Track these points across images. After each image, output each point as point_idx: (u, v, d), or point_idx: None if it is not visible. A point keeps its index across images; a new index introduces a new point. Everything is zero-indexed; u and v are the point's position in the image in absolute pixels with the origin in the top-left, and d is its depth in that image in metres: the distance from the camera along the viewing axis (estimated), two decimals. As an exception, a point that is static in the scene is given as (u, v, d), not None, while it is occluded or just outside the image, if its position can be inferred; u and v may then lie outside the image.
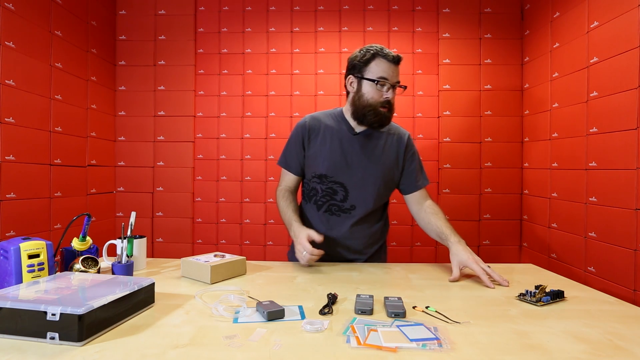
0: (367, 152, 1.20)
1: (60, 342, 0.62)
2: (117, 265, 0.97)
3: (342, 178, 1.19)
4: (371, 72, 1.13)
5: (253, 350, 0.62)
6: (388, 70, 1.12)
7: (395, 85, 1.14)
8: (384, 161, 1.21)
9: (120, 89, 2.32)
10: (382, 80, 1.12)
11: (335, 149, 1.19)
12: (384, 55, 1.13)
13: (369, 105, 1.14)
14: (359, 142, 1.20)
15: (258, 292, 0.92)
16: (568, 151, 1.80)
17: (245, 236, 2.32)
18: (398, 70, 1.15)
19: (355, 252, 1.24)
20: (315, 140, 1.21)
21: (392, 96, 1.14)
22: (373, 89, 1.13)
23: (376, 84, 1.13)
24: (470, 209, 2.26)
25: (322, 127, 1.22)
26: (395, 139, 1.24)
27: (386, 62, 1.12)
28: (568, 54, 1.82)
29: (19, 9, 1.59)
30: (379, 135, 1.22)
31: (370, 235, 1.24)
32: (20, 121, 1.59)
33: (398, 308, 0.77)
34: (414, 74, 2.29)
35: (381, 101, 1.13)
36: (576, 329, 0.71)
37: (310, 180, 1.24)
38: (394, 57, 1.13)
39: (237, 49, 2.33)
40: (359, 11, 2.31)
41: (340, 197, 1.20)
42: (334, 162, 1.19)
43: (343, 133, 1.20)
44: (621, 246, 1.45)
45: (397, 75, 1.14)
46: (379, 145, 1.21)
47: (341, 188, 1.19)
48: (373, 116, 1.14)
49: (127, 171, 2.32)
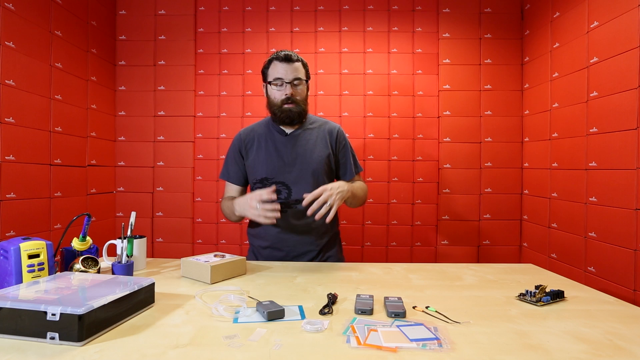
0: (299, 149, 1.29)
1: (60, 342, 0.62)
2: (117, 265, 0.97)
3: (282, 177, 1.28)
4: (270, 75, 1.26)
5: (253, 350, 0.62)
6: (281, 70, 1.23)
7: (292, 82, 1.23)
8: (317, 153, 1.30)
9: (120, 89, 2.32)
10: (277, 81, 1.24)
11: (271, 152, 1.29)
12: (276, 58, 1.25)
13: (274, 105, 1.26)
14: (290, 142, 1.30)
15: (258, 292, 0.92)
16: (568, 151, 1.80)
17: (245, 236, 2.32)
18: (294, 67, 1.24)
19: (308, 243, 1.29)
20: (251, 149, 1.32)
21: (291, 92, 1.23)
22: (274, 90, 1.26)
23: (272, 86, 1.25)
24: (470, 209, 2.26)
25: (256, 136, 1.33)
26: (325, 132, 1.33)
27: (279, 63, 1.24)
28: (568, 54, 1.82)
29: (19, 9, 1.59)
30: (310, 132, 1.32)
31: (319, 225, 1.29)
32: (20, 121, 1.59)
33: (398, 308, 0.77)
34: (414, 74, 2.29)
35: (282, 99, 1.24)
36: (576, 329, 0.71)
37: (254, 186, 1.32)
38: (284, 56, 1.24)
39: (237, 49, 2.33)
40: (359, 11, 2.31)
41: (284, 195, 1.28)
42: (272, 164, 1.28)
43: (275, 137, 1.31)
44: (621, 246, 1.45)
45: (292, 72, 1.24)
46: (311, 140, 1.31)
47: (283, 187, 1.28)
48: (280, 113, 1.25)
49: (127, 171, 2.32)
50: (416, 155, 2.29)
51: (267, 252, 1.31)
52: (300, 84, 1.26)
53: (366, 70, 2.29)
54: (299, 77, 1.24)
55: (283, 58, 1.23)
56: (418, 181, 2.29)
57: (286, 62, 1.23)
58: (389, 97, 2.29)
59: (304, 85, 1.28)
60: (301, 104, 1.26)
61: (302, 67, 1.27)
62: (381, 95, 2.30)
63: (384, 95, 2.30)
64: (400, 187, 2.28)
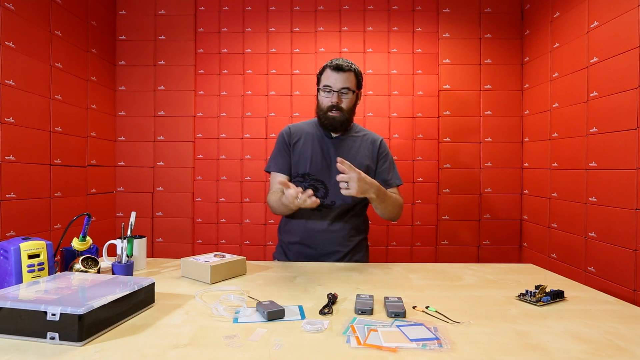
0: (343, 153, 1.32)
1: (60, 342, 0.62)
2: (117, 265, 0.96)
3: (322, 176, 1.31)
4: (321, 82, 1.30)
5: (253, 350, 0.62)
6: (331, 79, 1.27)
7: (339, 91, 1.26)
8: (359, 161, 1.32)
9: (120, 89, 2.32)
10: (326, 88, 1.27)
11: (316, 151, 1.32)
12: (329, 66, 1.28)
13: (321, 110, 1.30)
14: (335, 145, 1.33)
15: (258, 292, 0.92)
16: (568, 151, 1.80)
17: (245, 236, 2.32)
18: (344, 76, 1.26)
19: (337, 243, 1.30)
20: (297, 144, 1.35)
21: (337, 101, 1.26)
22: (322, 97, 1.29)
23: (321, 92, 1.29)
24: (470, 209, 2.26)
25: (303, 133, 1.36)
26: (369, 142, 1.37)
27: (330, 71, 1.27)
28: (568, 54, 1.82)
29: (19, 9, 1.59)
30: (354, 139, 1.36)
31: (350, 228, 1.32)
32: (20, 121, 1.59)
33: (398, 308, 0.77)
34: (414, 74, 2.29)
35: (328, 106, 1.27)
36: (576, 329, 0.71)
37: (294, 180, 1.34)
38: (336, 65, 1.26)
39: (237, 49, 2.33)
40: (359, 11, 2.31)
41: (321, 193, 1.30)
42: (315, 162, 1.31)
43: (321, 137, 1.35)
44: (621, 246, 1.45)
45: (341, 82, 1.26)
46: (354, 147, 1.34)
47: (322, 185, 1.31)
48: (324, 119, 1.29)
49: (127, 171, 2.32)
50: (416, 155, 2.29)
51: (296, 248, 1.32)
52: (347, 93, 1.27)
53: (366, 70, 2.29)
54: (347, 86, 1.26)
55: (334, 67, 1.26)
56: (418, 181, 2.29)
57: (336, 71, 1.26)
58: (389, 97, 2.29)
59: (352, 94, 1.28)
60: (346, 112, 1.28)
61: (353, 77, 1.28)
62: (381, 95, 2.30)
63: (384, 95, 2.30)
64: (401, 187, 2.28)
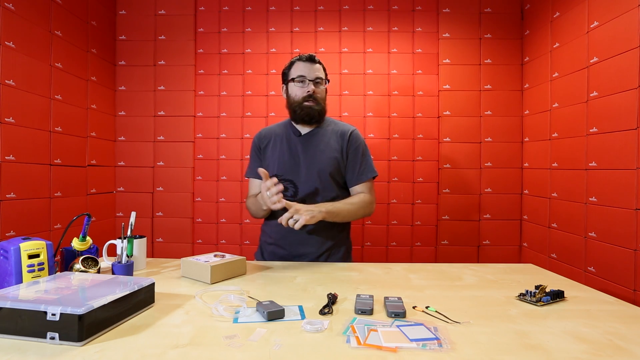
0: (311, 149, 1.31)
1: (60, 342, 0.62)
2: (117, 265, 0.97)
3: (290, 175, 1.31)
4: (292, 74, 1.31)
5: (253, 350, 0.62)
6: (304, 69, 1.28)
7: (314, 80, 1.28)
8: (327, 154, 1.31)
9: (120, 89, 2.32)
10: (300, 78, 1.28)
11: (284, 151, 1.33)
12: (299, 58, 1.30)
13: (295, 102, 1.30)
14: (303, 142, 1.33)
15: (258, 292, 0.92)
16: (568, 151, 1.80)
17: (245, 236, 2.32)
18: (316, 67, 1.29)
19: (309, 244, 1.28)
20: (267, 148, 1.37)
21: (313, 90, 1.27)
22: (295, 87, 1.30)
23: (295, 82, 1.29)
24: (470, 209, 2.26)
25: (272, 135, 1.38)
26: (338, 135, 1.34)
27: (302, 62, 1.29)
28: (568, 54, 1.82)
29: (19, 9, 1.59)
30: (324, 133, 1.34)
31: (322, 227, 1.27)
32: (20, 121, 1.59)
33: (398, 308, 0.77)
34: (414, 74, 2.29)
35: (304, 96, 1.27)
36: (576, 329, 0.71)
37: None
38: (308, 56, 1.29)
39: (237, 49, 2.33)
40: (359, 11, 2.31)
41: (290, 192, 1.30)
42: (283, 162, 1.32)
43: (289, 136, 1.35)
44: (621, 246, 1.45)
45: (315, 72, 1.29)
46: (323, 140, 1.33)
47: (291, 185, 1.31)
48: (300, 110, 1.28)
49: (127, 171, 2.32)
50: (416, 155, 2.29)
51: (271, 249, 1.34)
52: (321, 83, 1.30)
53: (366, 70, 2.29)
54: (320, 76, 1.30)
55: (306, 58, 1.29)
56: (418, 181, 2.29)
57: (309, 62, 1.29)
58: (389, 97, 2.29)
59: (324, 85, 1.32)
60: (321, 102, 1.30)
61: (322, 70, 1.32)
62: (381, 95, 2.30)
63: (384, 95, 2.30)
64: (401, 187, 2.28)
